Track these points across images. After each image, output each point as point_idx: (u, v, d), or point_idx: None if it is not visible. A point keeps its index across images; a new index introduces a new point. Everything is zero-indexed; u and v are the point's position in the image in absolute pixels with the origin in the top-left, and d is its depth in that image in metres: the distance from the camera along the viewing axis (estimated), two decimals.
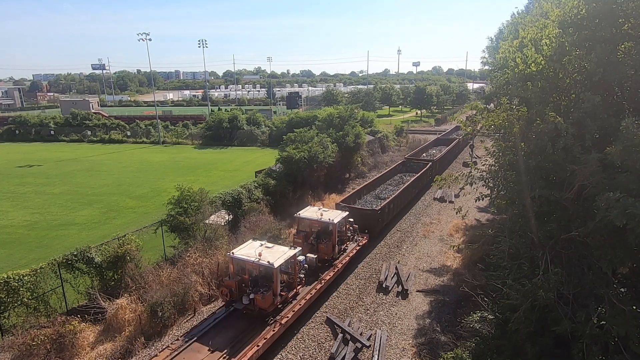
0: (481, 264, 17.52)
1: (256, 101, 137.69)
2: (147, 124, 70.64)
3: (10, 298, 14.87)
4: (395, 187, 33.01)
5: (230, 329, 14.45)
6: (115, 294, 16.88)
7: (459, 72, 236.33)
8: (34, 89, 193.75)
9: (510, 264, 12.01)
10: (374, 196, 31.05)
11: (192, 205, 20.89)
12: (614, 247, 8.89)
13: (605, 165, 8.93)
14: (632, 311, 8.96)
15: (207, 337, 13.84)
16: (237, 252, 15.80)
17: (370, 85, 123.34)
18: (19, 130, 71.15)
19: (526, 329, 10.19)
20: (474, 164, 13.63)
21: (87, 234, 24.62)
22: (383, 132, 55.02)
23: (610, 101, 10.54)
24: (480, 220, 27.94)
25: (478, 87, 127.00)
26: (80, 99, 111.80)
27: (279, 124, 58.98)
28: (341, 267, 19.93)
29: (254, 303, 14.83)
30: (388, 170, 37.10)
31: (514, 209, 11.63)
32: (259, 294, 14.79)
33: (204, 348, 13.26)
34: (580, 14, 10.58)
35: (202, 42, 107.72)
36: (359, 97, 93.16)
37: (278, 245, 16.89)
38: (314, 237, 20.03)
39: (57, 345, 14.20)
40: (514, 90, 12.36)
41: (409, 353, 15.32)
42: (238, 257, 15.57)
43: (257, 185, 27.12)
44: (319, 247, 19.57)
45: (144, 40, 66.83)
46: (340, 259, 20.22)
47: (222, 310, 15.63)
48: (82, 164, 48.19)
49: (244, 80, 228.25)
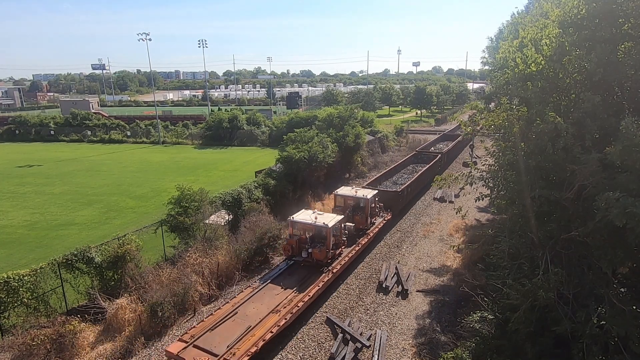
0: (481, 264, 17.52)
1: (256, 101, 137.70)
2: (147, 124, 70.65)
3: (10, 298, 14.87)
4: (409, 175, 36.29)
5: (294, 275, 18.63)
6: (115, 294, 16.89)
7: (459, 72, 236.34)
8: (34, 89, 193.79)
9: (510, 264, 12.01)
10: (392, 182, 34.87)
11: (192, 205, 20.90)
12: (614, 247, 8.89)
13: (605, 165, 8.93)
14: (632, 311, 8.96)
15: (278, 280, 18.11)
16: (296, 217, 20.04)
17: (370, 85, 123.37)
18: (19, 130, 71.17)
19: (526, 329, 10.19)
20: (474, 164, 13.63)
21: (87, 234, 24.63)
22: (383, 132, 55.04)
23: (610, 101, 10.54)
24: (480, 220, 27.94)
25: (478, 87, 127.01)
26: (80, 99, 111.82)
27: (279, 124, 58.98)
28: (372, 235, 23.58)
29: (312, 256, 19.04)
30: (401, 162, 40.74)
31: (514, 209, 11.63)
32: (317, 248, 18.98)
33: (277, 287, 17.52)
34: (580, 14, 10.58)
35: (202, 42, 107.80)
36: (359, 97, 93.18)
37: (326, 213, 21.19)
38: (350, 211, 23.18)
39: (57, 345, 14.20)
40: (514, 90, 12.36)
41: (409, 353, 15.33)
42: (298, 220, 19.78)
43: (257, 185, 27.13)
44: (354, 218, 23.03)
45: (144, 40, 66.91)
46: (371, 229, 23.76)
47: (284, 264, 19.72)
48: (82, 164, 48.20)
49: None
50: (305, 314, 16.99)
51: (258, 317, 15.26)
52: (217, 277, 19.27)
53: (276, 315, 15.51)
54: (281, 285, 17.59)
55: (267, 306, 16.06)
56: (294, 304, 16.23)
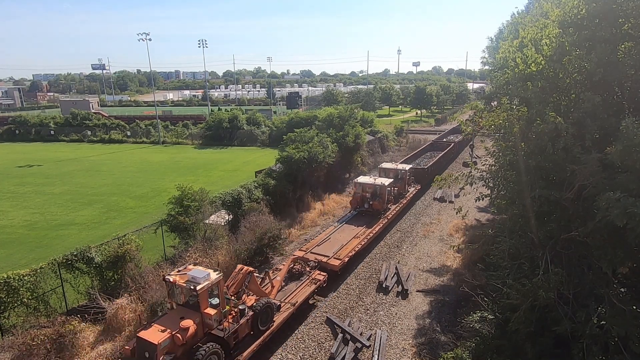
0: (481, 264, 17.52)
1: (256, 101, 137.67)
2: (147, 124, 70.63)
3: (10, 298, 14.87)
4: (430, 159, 43.83)
5: (360, 220, 25.74)
6: (115, 294, 16.88)
7: (459, 72, 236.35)
8: (34, 89, 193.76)
9: (510, 264, 12.01)
10: (416, 164, 40.42)
11: (192, 205, 20.90)
12: (614, 247, 8.89)
13: (605, 165, 8.93)
14: (632, 311, 8.96)
15: (350, 223, 25.36)
16: (360, 180, 27.96)
17: (370, 85, 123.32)
18: (19, 130, 71.17)
19: (526, 329, 10.20)
20: (474, 164, 13.63)
21: (87, 234, 24.63)
22: (383, 132, 55.04)
23: (610, 101, 10.55)
24: (480, 220, 27.94)
25: (478, 87, 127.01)
26: (80, 99, 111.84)
27: (279, 124, 58.95)
28: (409, 198, 31.29)
29: (372, 206, 26.37)
30: (421, 149, 48.75)
31: (514, 209, 11.63)
32: (375, 201, 26.43)
33: (351, 226, 24.79)
34: (580, 14, 10.59)
35: (202, 42, 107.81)
36: (359, 97, 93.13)
37: (380, 178, 28.64)
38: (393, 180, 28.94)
39: (57, 345, 14.19)
40: (514, 90, 12.36)
41: (409, 353, 15.33)
42: (361, 182, 27.64)
43: (257, 185, 27.13)
44: (396, 185, 29.40)
45: (144, 40, 66.87)
46: (408, 194, 31.40)
47: (351, 213, 27.05)
48: (82, 164, 48.21)
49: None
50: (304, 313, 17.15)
51: (345, 240, 22.59)
52: None
53: (357, 239, 22.90)
54: (354, 225, 24.90)
55: (349, 235, 23.31)
56: (366, 235, 23.62)
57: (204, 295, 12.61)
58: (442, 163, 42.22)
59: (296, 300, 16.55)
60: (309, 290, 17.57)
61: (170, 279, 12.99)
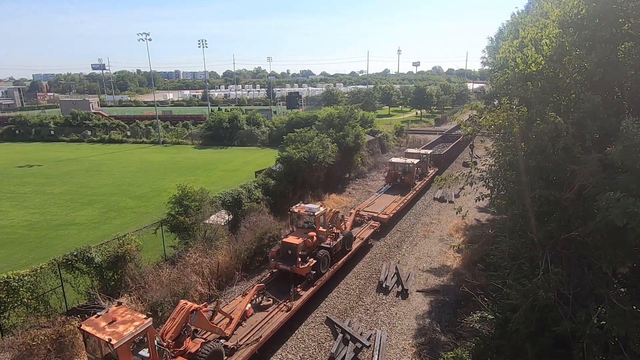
0: (481, 264, 17.52)
1: (256, 101, 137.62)
2: (147, 124, 70.63)
3: (10, 298, 14.87)
4: (442, 148, 50.07)
5: (395, 190, 32.53)
6: (115, 294, 16.88)
7: (459, 72, 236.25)
8: (34, 89, 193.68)
9: (510, 264, 12.01)
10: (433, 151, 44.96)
11: (192, 205, 20.90)
12: (614, 247, 8.88)
13: (605, 165, 8.93)
14: (632, 311, 8.96)
15: (387, 193, 32.26)
16: (393, 160, 35.55)
17: (370, 85, 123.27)
18: (19, 130, 71.16)
19: (526, 329, 10.19)
20: (474, 164, 13.63)
21: (87, 234, 24.63)
22: (383, 132, 55.04)
23: (611, 101, 10.54)
24: (480, 220, 27.94)
25: (478, 87, 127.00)
26: (80, 99, 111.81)
27: (279, 124, 58.96)
28: (429, 177, 36.65)
29: (403, 181, 33.34)
30: (434, 140, 55.52)
31: (514, 209, 11.63)
32: (405, 176, 33.34)
33: (388, 195, 31.54)
34: (581, 14, 10.58)
35: (202, 42, 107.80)
36: (359, 97, 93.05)
37: (409, 158, 35.44)
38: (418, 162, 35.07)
39: (57, 345, 14.18)
40: (514, 90, 12.35)
41: (409, 353, 15.33)
42: (394, 161, 34.88)
43: (257, 185, 27.12)
44: (420, 165, 35.67)
45: (144, 40, 66.88)
46: (428, 174, 37.31)
47: (386, 187, 33.76)
48: (82, 164, 48.21)
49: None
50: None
51: (387, 203, 29.39)
52: (217, 277, 19.28)
53: (395, 203, 29.72)
54: (390, 194, 31.76)
55: (388, 200, 30.17)
56: (402, 200, 30.48)
57: (317, 220, 19.59)
58: (453, 151, 49.52)
59: (362, 237, 23.71)
60: (369, 232, 24.50)
61: (295, 210, 20.25)
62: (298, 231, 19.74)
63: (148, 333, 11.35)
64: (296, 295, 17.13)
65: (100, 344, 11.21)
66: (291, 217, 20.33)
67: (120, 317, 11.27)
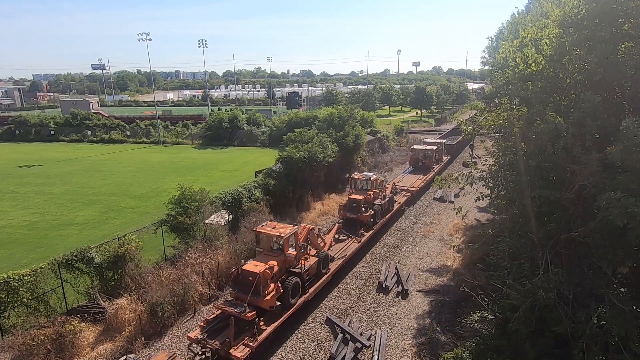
0: (481, 264, 17.53)
1: (256, 101, 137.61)
2: (147, 124, 70.59)
3: (10, 298, 14.87)
4: (452, 140, 54.54)
5: (417, 172, 38.78)
6: (115, 294, 16.89)
7: (459, 72, 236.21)
8: (34, 89, 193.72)
9: (510, 264, 12.01)
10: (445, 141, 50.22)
11: (192, 205, 20.89)
12: (614, 247, 8.89)
13: (606, 165, 8.93)
14: (632, 311, 8.97)
15: (411, 174, 38.54)
16: (415, 147, 42.41)
17: (370, 85, 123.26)
18: (19, 130, 71.15)
19: (526, 329, 10.19)
20: (474, 164, 13.63)
21: (87, 234, 24.62)
22: (383, 132, 55.04)
23: (611, 101, 10.54)
24: (480, 220, 27.94)
25: (478, 87, 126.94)
26: (80, 99, 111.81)
27: (279, 124, 58.93)
28: (444, 162, 43.78)
29: (424, 164, 39.69)
30: (445, 133, 60.06)
31: (514, 209, 11.63)
32: (426, 160, 39.88)
33: (412, 175, 38.13)
34: (581, 13, 10.58)
35: (202, 42, 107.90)
36: (359, 97, 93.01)
37: (428, 145, 42.52)
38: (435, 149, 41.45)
39: (57, 345, 14.21)
40: (514, 90, 12.35)
41: (409, 353, 15.33)
42: (416, 148, 41.56)
43: (257, 185, 27.12)
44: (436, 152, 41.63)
45: (144, 40, 66.83)
46: (443, 161, 43.77)
47: (409, 169, 40.33)
48: (82, 164, 48.20)
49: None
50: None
51: (413, 181, 35.79)
52: (217, 277, 19.28)
53: (419, 180, 35.91)
54: (414, 175, 38.11)
55: (413, 179, 36.48)
56: (424, 178, 36.66)
57: (373, 183, 27.10)
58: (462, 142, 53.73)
59: (399, 202, 30.36)
60: (403, 199, 31.29)
61: (355, 176, 27.98)
62: (358, 191, 26.68)
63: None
64: (361, 234, 23.72)
65: (271, 239, 16.91)
66: (352, 182, 27.85)
67: (278, 226, 17.22)
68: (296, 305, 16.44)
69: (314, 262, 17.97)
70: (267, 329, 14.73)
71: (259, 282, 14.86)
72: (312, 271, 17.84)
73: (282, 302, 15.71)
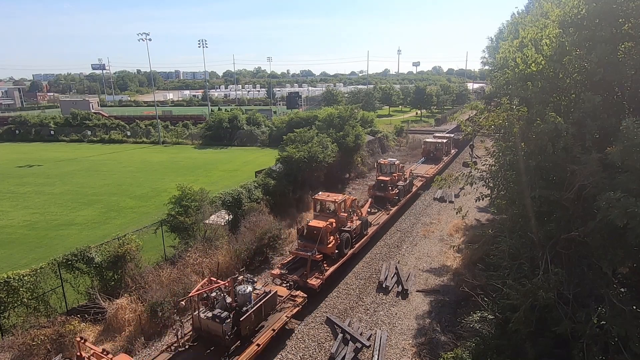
0: (481, 264, 17.52)
1: (256, 101, 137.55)
2: (147, 124, 70.56)
3: (10, 298, 14.88)
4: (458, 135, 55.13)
5: (429, 162, 43.16)
6: (115, 294, 16.89)
7: (459, 72, 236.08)
8: (34, 89, 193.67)
9: (510, 264, 12.01)
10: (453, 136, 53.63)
11: (192, 205, 20.90)
12: (614, 247, 8.89)
13: (606, 165, 8.93)
14: (632, 311, 8.97)
15: (424, 163, 42.87)
16: (428, 139, 46.73)
17: (370, 85, 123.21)
18: (19, 130, 71.14)
19: (526, 329, 10.19)
20: (474, 164, 13.63)
21: (87, 234, 24.62)
22: (383, 132, 55.04)
23: (611, 101, 10.54)
24: (480, 220, 27.93)
25: (478, 87, 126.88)
26: (80, 99, 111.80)
27: (279, 124, 58.91)
28: (453, 154, 47.81)
29: (435, 155, 43.96)
30: (452, 129, 61.83)
31: (514, 209, 11.63)
32: (437, 152, 44.05)
33: (425, 165, 42.20)
34: (581, 14, 10.58)
35: (202, 42, 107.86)
36: (359, 97, 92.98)
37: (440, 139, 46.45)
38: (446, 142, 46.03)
39: (57, 345, 14.20)
40: (514, 90, 12.35)
41: (409, 353, 15.33)
42: (429, 141, 45.63)
43: (257, 185, 27.12)
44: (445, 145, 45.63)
45: (144, 40, 66.84)
46: (451, 152, 47.48)
47: (422, 159, 44.09)
48: (82, 164, 48.20)
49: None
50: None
51: (427, 169, 39.74)
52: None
53: (431, 169, 39.59)
54: (426, 164, 41.95)
55: (427, 167, 40.36)
56: (436, 167, 40.48)
57: (396, 167, 31.80)
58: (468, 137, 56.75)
59: (416, 185, 34.48)
60: (419, 184, 35.18)
61: (381, 161, 32.61)
62: (384, 174, 31.33)
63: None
64: (388, 208, 28.54)
65: (327, 204, 21.82)
66: (379, 167, 32.47)
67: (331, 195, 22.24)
68: (347, 255, 21.13)
69: (358, 224, 22.61)
70: (329, 269, 19.50)
71: (323, 234, 19.53)
72: (357, 231, 22.46)
73: (339, 250, 20.57)
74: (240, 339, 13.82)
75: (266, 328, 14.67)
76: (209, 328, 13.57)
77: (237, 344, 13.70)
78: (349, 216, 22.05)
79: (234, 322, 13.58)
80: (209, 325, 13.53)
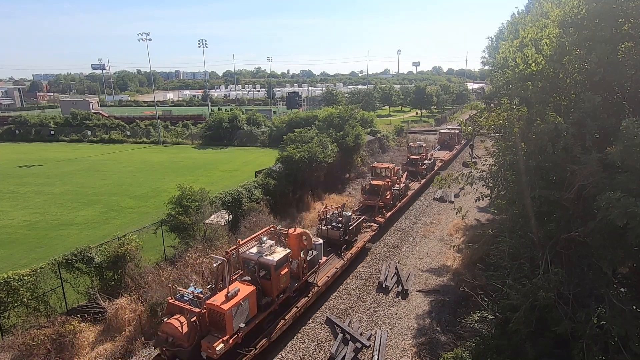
0: (481, 264, 17.52)
1: (256, 101, 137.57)
2: (147, 124, 70.57)
3: (10, 298, 14.88)
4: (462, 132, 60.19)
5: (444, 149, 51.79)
6: (115, 294, 16.88)
7: (459, 72, 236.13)
8: (34, 89, 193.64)
9: (510, 264, 12.01)
10: None
11: (192, 205, 20.89)
12: (614, 247, 8.89)
13: (606, 165, 8.93)
14: (632, 311, 8.97)
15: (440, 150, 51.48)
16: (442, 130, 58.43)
17: (370, 85, 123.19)
18: (19, 130, 71.14)
19: (526, 329, 10.19)
20: (474, 164, 13.63)
21: (87, 234, 24.61)
22: (383, 132, 55.05)
23: (611, 101, 10.55)
24: (480, 220, 27.93)
25: (478, 87, 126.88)
26: (80, 99, 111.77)
27: (279, 124, 58.93)
28: (459, 148, 53.55)
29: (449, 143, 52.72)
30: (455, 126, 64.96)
31: (514, 209, 11.64)
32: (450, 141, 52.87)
33: (441, 151, 50.44)
34: (581, 14, 10.58)
35: (202, 42, 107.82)
36: (359, 97, 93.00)
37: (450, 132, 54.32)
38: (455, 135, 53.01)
39: (57, 345, 14.19)
40: (514, 90, 12.36)
41: (409, 353, 15.33)
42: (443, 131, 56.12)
43: (257, 185, 27.12)
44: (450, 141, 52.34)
45: (144, 40, 66.82)
46: (458, 146, 52.84)
47: (438, 147, 52.56)
48: (82, 164, 48.20)
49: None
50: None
51: (443, 154, 48.47)
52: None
53: (447, 154, 48.40)
54: (442, 151, 49.85)
55: (443, 153, 48.93)
56: (451, 153, 49.38)
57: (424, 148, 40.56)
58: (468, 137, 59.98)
59: (439, 164, 42.14)
60: (437, 167, 41.26)
61: (411, 144, 41.75)
62: (414, 155, 39.03)
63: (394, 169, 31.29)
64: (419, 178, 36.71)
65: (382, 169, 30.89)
66: (410, 149, 40.40)
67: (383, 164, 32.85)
68: (397, 206, 29.34)
69: (402, 186, 30.88)
70: (387, 213, 27.67)
71: (383, 189, 27.91)
72: (402, 190, 30.68)
73: (393, 202, 29.05)
74: (346, 242, 22.12)
75: (358, 240, 23.20)
76: (328, 234, 21.72)
77: (344, 247, 22.04)
78: (397, 179, 30.62)
79: (344, 231, 21.78)
80: (328, 232, 21.81)
